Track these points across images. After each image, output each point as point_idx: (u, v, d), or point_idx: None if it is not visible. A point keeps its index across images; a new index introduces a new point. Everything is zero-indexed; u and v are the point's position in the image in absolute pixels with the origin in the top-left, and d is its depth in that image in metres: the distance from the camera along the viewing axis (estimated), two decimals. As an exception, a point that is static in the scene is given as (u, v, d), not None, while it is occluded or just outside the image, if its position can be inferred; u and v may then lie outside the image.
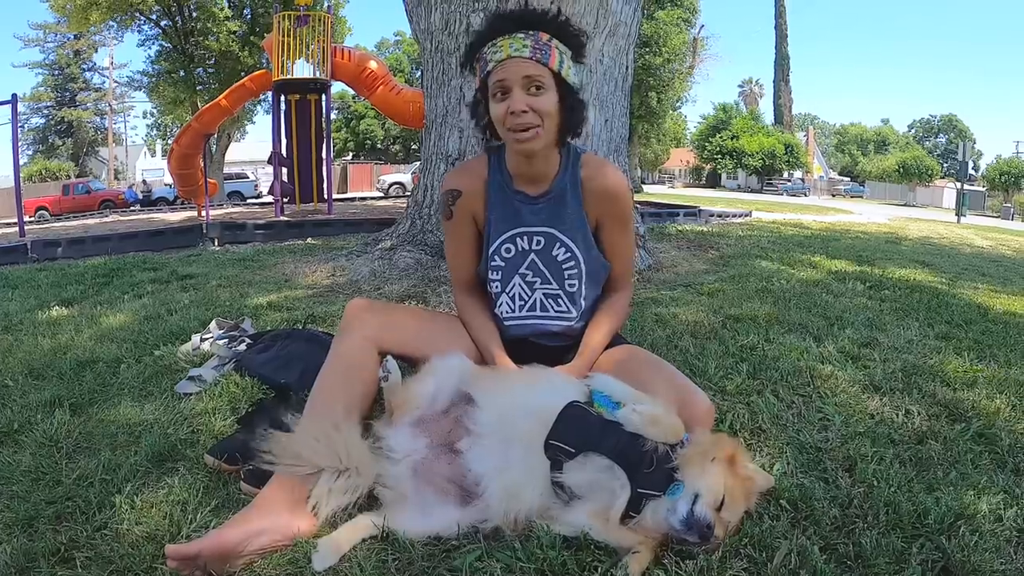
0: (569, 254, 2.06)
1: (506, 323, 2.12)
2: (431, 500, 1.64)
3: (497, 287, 2.11)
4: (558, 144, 2.00)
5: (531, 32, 1.87)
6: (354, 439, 1.71)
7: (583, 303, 2.10)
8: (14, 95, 12.38)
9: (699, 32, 42.15)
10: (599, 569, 1.46)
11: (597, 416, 1.62)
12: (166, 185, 32.43)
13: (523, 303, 2.10)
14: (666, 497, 1.51)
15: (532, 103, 1.85)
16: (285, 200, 14.34)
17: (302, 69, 14.47)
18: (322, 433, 1.69)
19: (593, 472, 1.55)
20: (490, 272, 2.11)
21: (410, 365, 2.21)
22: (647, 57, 33.03)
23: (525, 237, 2.06)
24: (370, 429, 1.82)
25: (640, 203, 2.48)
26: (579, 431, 1.59)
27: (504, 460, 1.60)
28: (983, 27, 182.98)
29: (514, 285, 2.09)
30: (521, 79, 1.85)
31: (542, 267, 2.07)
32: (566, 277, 2.07)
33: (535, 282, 2.08)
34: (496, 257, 2.08)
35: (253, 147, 48.94)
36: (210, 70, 29.62)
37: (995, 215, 43.12)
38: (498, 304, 2.13)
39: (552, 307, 2.10)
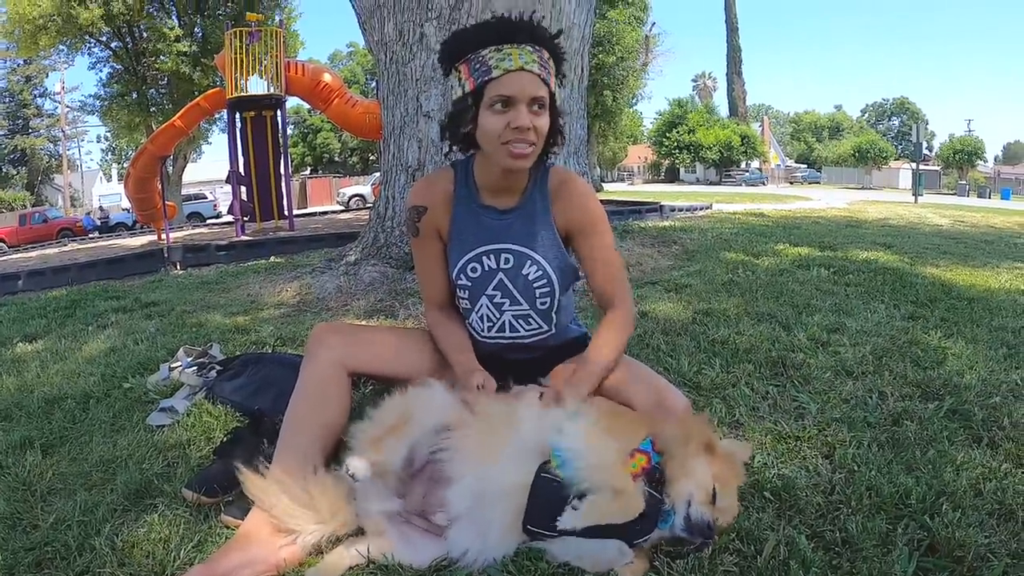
0: (540, 272, 1.97)
1: (477, 340, 2.08)
2: (414, 537, 1.62)
3: (466, 304, 2.05)
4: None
5: (537, 47, 1.79)
6: (329, 490, 1.67)
7: (555, 316, 2.05)
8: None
9: (651, 29, 42.55)
10: (591, 578, 1.46)
11: (569, 494, 1.49)
12: (124, 210, 32.00)
13: (491, 324, 2.04)
14: (658, 529, 1.49)
15: (534, 122, 1.77)
16: (245, 219, 14.18)
17: (256, 85, 14.32)
18: (296, 489, 1.65)
19: (577, 548, 1.49)
20: (458, 290, 2.06)
21: (380, 383, 2.19)
22: (600, 56, 33.19)
23: (492, 255, 1.98)
24: (343, 462, 1.72)
25: (602, 202, 2.49)
26: (555, 517, 1.47)
27: (483, 541, 1.53)
28: (929, 7, 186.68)
29: (481, 306, 2.02)
30: (528, 99, 1.76)
31: (511, 288, 1.99)
32: (537, 296, 1.99)
33: (503, 303, 2.00)
34: (462, 276, 2.01)
35: (210, 167, 48.43)
36: (163, 91, 29.21)
37: (951, 192, 44.14)
38: (468, 320, 2.09)
39: (523, 327, 2.03)
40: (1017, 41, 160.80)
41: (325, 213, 23.94)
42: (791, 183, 55.54)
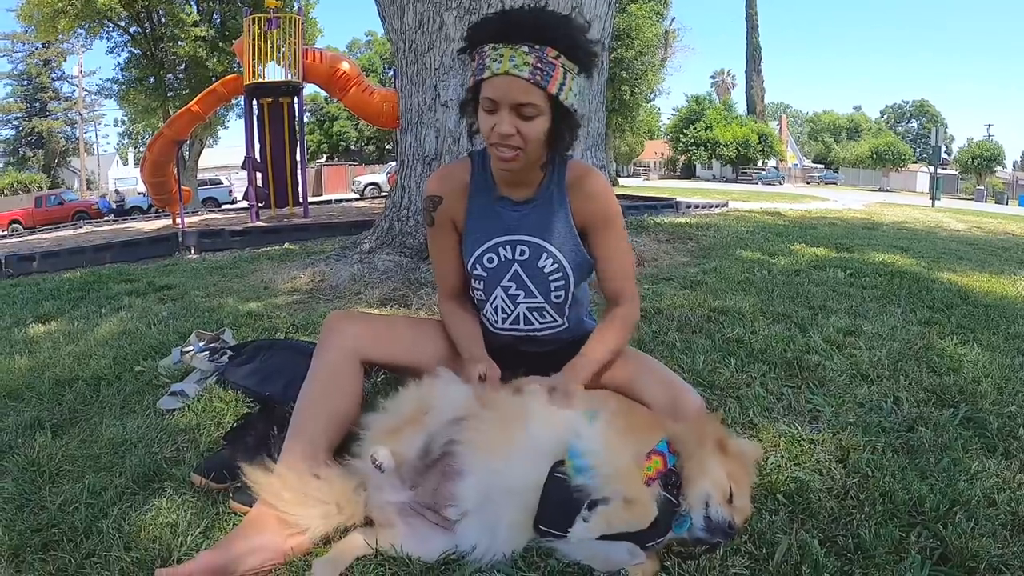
0: (556, 265, 1.96)
1: (491, 332, 2.08)
2: (423, 529, 1.62)
3: (481, 296, 2.05)
4: (543, 160, 1.91)
5: (537, 47, 1.73)
6: (336, 483, 1.67)
7: (569, 310, 2.05)
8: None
9: (671, 24, 42.28)
10: (601, 576, 1.45)
11: (582, 498, 1.47)
12: (139, 194, 32.12)
13: (506, 316, 2.03)
14: (674, 532, 1.48)
15: (520, 127, 1.74)
16: (261, 205, 14.21)
17: (273, 72, 14.35)
18: (302, 486, 1.64)
19: (588, 548, 1.48)
20: (473, 280, 2.05)
21: (392, 373, 2.18)
22: (619, 51, 32.99)
23: (508, 246, 1.97)
24: (362, 451, 1.73)
25: (617, 197, 2.46)
26: (567, 517, 1.45)
27: (492, 537, 1.53)
28: (953, 10, 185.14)
29: (496, 297, 2.01)
30: (511, 105, 1.73)
31: (526, 279, 1.98)
32: (552, 289, 1.98)
33: (518, 295, 1.99)
34: (478, 267, 2.00)
35: (227, 152, 48.50)
36: (180, 76, 29.29)
37: (968, 197, 43.78)
38: (483, 312, 2.08)
39: (537, 320, 2.03)
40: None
41: (340, 201, 24.05)
42: (808, 183, 55.25)
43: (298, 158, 15.04)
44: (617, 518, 1.40)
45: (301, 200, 14.95)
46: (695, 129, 55.52)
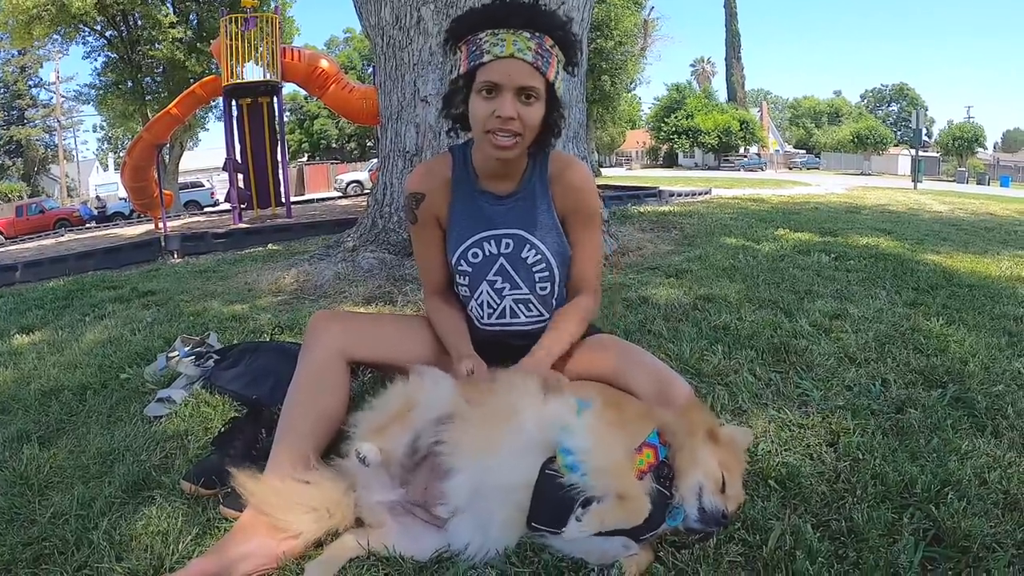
0: (540, 256, 1.98)
1: (477, 327, 2.08)
2: (415, 528, 1.61)
3: (466, 291, 2.06)
4: (530, 151, 1.93)
5: (537, 34, 1.76)
6: (326, 487, 1.66)
7: (554, 303, 2.06)
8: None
9: (649, 13, 42.30)
10: (596, 570, 1.45)
11: (574, 495, 1.45)
12: (121, 199, 31.89)
13: (492, 310, 2.04)
14: (667, 524, 1.47)
15: (521, 112, 1.76)
16: (243, 206, 14.13)
17: (252, 72, 14.24)
18: (292, 493, 1.64)
19: (582, 543, 1.47)
20: (457, 276, 2.05)
21: (379, 371, 2.17)
22: (599, 41, 32.96)
23: (493, 240, 1.98)
24: (348, 449, 1.72)
25: (600, 187, 2.47)
26: (560, 514, 1.45)
27: (484, 534, 1.52)
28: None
29: (482, 292, 2.02)
30: (515, 88, 1.74)
31: (511, 272, 1.99)
32: (537, 280, 2.00)
33: (504, 288, 2.01)
34: (462, 262, 2.01)
35: (207, 155, 48.22)
36: (159, 79, 29.02)
37: (950, 179, 44.03)
38: (468, 308, 2.09)
39: (523, 312, 2.03)
40: (1018, 28, 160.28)
41: (323, 200, 23.93)
42: (790, 168, 55.48)
43: (279, 158, 14.94)
44: (611, 516, 1.39)
45: (284, 200, 14.87)
46: (676, 118, 55.66)
